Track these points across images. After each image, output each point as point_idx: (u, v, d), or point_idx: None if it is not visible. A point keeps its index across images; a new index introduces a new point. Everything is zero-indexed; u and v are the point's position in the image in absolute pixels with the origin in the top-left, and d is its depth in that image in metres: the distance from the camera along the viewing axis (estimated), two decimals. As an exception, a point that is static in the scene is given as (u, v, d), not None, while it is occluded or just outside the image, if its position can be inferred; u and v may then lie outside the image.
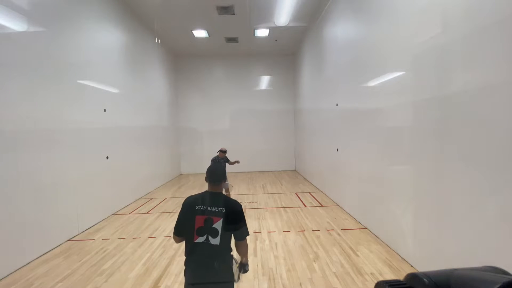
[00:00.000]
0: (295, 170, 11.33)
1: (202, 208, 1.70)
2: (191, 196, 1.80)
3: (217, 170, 1.85)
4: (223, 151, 5.86)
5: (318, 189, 7.60)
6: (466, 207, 2.36)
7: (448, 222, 2.56)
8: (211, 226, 1.66)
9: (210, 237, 1.65)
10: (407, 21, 3.16)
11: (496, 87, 2.04)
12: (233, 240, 1.76)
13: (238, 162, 6.30)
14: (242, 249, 1.78)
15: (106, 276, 3.13)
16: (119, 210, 5.85)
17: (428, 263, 2.89)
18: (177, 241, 1.80)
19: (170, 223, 4.95)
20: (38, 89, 3.78)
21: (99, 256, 3.65)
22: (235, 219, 1.72)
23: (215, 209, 1.69)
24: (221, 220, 1.67)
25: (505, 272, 0.43)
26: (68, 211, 4.31)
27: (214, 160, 5.68)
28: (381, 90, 3.83)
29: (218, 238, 1.65)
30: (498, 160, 2.03)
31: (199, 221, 1.67)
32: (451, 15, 2.48)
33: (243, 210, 1.83)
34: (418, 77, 2.98)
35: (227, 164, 5.81)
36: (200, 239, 1.65)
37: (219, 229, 1.66)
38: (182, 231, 1.73)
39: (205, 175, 1.83)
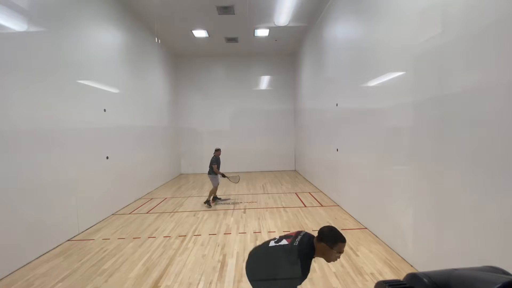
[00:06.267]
0: (295, 170, 11.32)
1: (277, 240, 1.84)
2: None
3: (327, 232, 1.69)
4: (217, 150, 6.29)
5: (318, 189, 7.60)
6: (466, 207, 2.36)
7: (448, 222, 2.56)
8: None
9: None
10: (407, 21, 3.16)
11: (496, 87, 2.04)
12: None
13: (223, 175, 6.16)
14: None
15: (106, 276, 3.13)
16: (119, 210, 5.85)
17: (428, 263, 2.89)
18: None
19: (169, 223, 4.95)
20: (38, 89, 3.78)
21: (99, 256, 3.65)
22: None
23: (277, 244, 1.80)
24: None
25: (505, 272, 0.43)
26: (68, 211, 4.31)
27: (218, 161, 6.09)
28: (381, 90, 3.83)
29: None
30: (498, 160, 2.03)
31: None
32: (451, 16, 2.48)
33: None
34: (418, 77, 2.98)
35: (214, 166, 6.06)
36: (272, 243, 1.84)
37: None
38: None
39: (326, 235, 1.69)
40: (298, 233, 1.83)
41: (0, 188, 3.17)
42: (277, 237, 1.87)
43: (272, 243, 1.82)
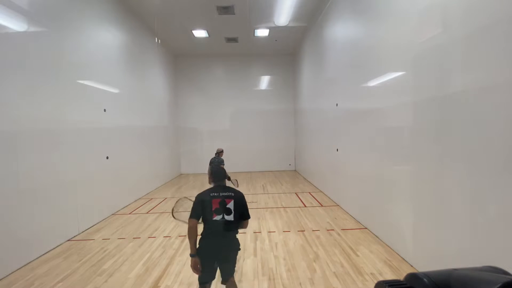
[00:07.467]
0: (295, 170, 11.32)
1: (216, 194, 2.14)
2: (202, 192, 2.21)
3: (219, 172, 2.36)
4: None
5: (318, 189, 7.60)
6: (466, 207, 2.36)
7: (448, 222, 2.56)
8: (226, 206, 2.09)
9: (225, 215, 2.07)
10: (407, 21, 3.16)
11: (496, 87, 2.04)
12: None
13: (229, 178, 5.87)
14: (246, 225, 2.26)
15: (106, 276, 3.13)
16: (119, 210, 5.85)
17: (428, 263, 2.89)
18: (193, 223, 2.06)
19: (170, 223, 4.95)
20: (38, 89, 3.78)
21: (99, 256, 3.65)
22: (242, 202, 2.19)
23: (226, 193, 2.15)
24: (232, 201, 2.11)
25: (505, 272, 0.43)
26: (68, 211, 4.31)
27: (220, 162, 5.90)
28: (381, 90, 3.83)
29: (232, 215, 2.08)
30: (498, 160, 2.03)
31: (215, 203, 2.09)
32: (451, 15, 2.48)
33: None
34: (418, 77, 2.98)
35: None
36: (218, 217, 2.06)
37: (232, 208, 2.09)
38: (199, 214, 2.10)
39: (209, 178, 2.29)
40: (225, 198, 2.14)
41: (0, 188, 3.17)
42: (216, 218, 2.06)
43: (228, 217, 2.08)
